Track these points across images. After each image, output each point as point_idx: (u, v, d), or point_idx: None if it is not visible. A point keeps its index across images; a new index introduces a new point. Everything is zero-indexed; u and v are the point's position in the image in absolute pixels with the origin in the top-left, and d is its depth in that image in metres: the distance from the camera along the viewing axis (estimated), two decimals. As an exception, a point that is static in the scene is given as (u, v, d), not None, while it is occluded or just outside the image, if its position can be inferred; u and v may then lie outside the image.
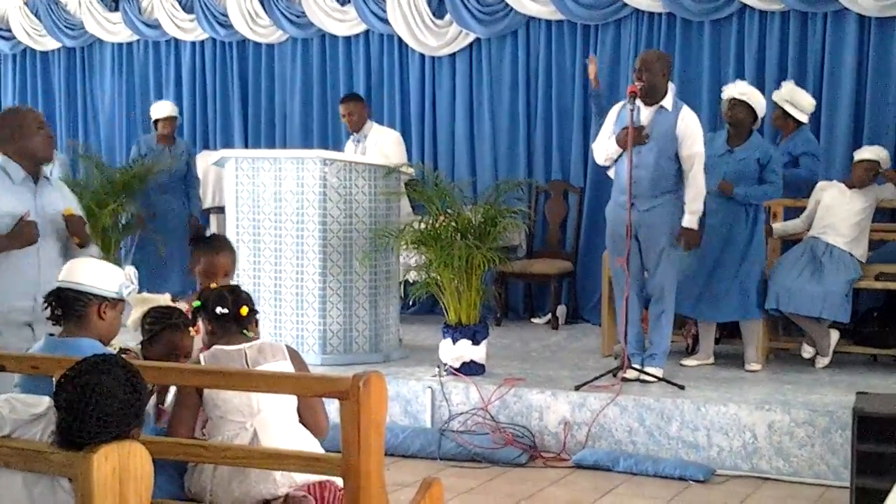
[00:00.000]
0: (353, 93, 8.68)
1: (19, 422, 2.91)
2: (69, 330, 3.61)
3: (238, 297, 3.89)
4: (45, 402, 2.90)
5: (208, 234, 4.75)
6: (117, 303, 3.67)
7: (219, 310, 3.82)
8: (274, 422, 3.66)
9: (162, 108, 9.02)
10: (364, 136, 8.07)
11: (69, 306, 3.61)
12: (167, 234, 8.72)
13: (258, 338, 3.92)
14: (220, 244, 4.81)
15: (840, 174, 7.33)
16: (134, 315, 4.10)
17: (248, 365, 3.73)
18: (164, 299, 4.22)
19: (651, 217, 6.23)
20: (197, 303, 3.93)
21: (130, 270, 3.78)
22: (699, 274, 6.61)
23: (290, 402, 3.76)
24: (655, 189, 6.22)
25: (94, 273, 3.65)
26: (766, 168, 6.59)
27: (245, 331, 3.86)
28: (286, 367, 3.79)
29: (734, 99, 6.63)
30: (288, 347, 3.97)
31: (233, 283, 4.23)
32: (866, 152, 6.94)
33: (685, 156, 6.20)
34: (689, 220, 6.22)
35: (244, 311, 3.85)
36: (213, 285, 4.07)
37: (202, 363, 3.73)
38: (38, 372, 3.39)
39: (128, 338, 4.20)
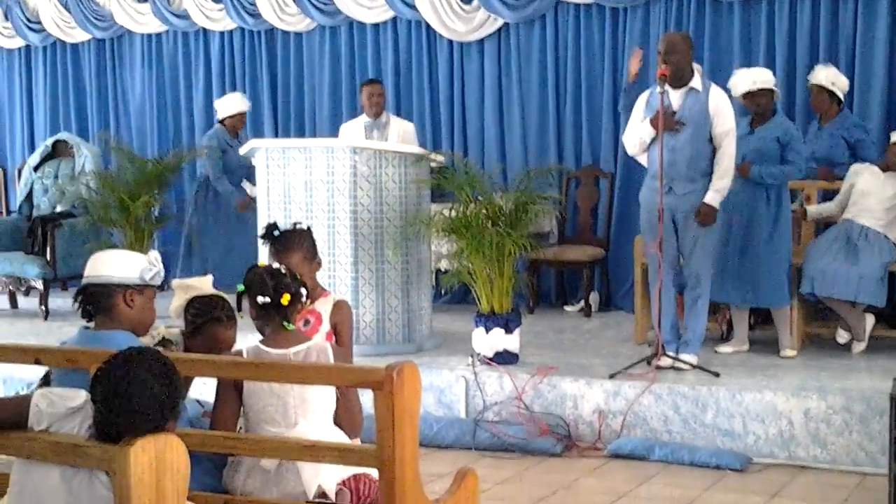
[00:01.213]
0: (375, 77, 8.69)
1: (56, 416, 2.92)
2: (101, 323, 3.60)
3: (279, 282, 3.73)
4: (82, 395, 2.90)
5: (283, 227, 4.41)
6: (144, 289, 3.61)
7: (260, 299, 3.71)
8: (311, 433, 3.58)
9: (239, 103, 8.97)
10: (383, 124, 8.07)
11: (96, 301, 3.59)
12: (230, 223, 8.80)
13: (305, 334, 3.83)
14: (286, 244, 4.31)
15: (874, 156, 7.25)
16: (176, 302, 4.02)
17: None
18: (206, 283, 4.09)
19: (688, 201, 6.18)
20: (241, 287, 3.80)
21: (153, 254, 3.73)
22: (725, 257, 6.54)
23: (329, 408, 3.70)
24: (693, 171, 6.17)
25: (114, 262, 3.61)
26: (787, 147, 6.51)
27: (287, 322, 3.74)
28: None
29: (758, 90, 6.53)
30: (337, 304, 4.07)
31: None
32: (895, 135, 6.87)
33: (717, 133, 6.15)
34: (712, 197, 6.16)
35: (285, 299, 3.71)
36: (262, 263, 3.95)
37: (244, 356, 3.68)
38: (74, 366, 3.39)
39: (176, 323, 4.14)
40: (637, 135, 6.31)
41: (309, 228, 4.41)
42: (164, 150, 9.61)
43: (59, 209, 9.26)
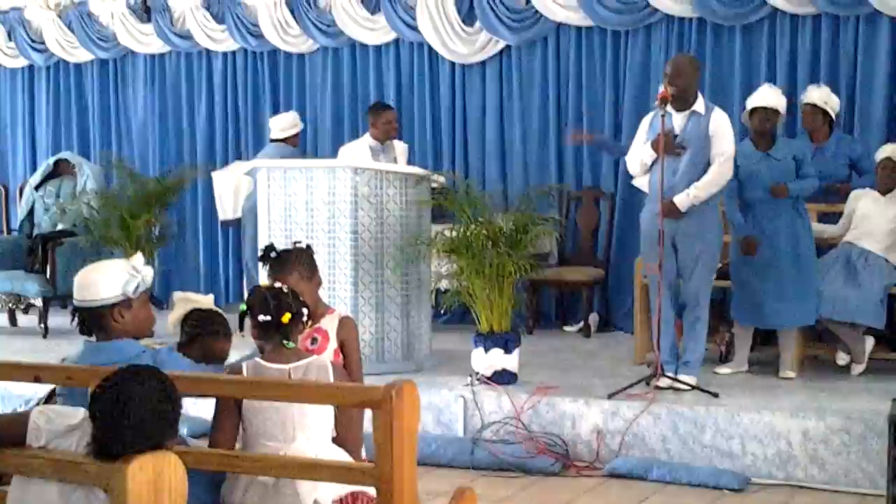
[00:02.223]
0: (387, 103, 8.68)
1: (55, 433, 2.93)
2: (101, 337, 3.65)
3: (280, 301, 3.78)
4: (81, 413, 2.92)
5: (281, 248, 4.40)
6: (131, 301, 3.63)
7: (261, 318, 3.76)
8: (309, 449, 3.60)
9: (295, 122, 8.93)
10: (389, 147, 8.08)
11: (90, 322, 3.64)
12: None
13: (305, 350, 3.85)
14: (282, 265, 4.29)
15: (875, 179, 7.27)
16: (175, 314, 4.05)
17: None
18: (208, 301, 4.14)
19: (688, 224, 6.20)
20: (243, 306, 3.84)
21: (136, 259, 3.72)
22: (782, 281, 6.49)
23: (327, 424, 3.71)
24: (692, 194, 6.19)
25: (96, 284, 3.61)
26: (803, 163, 6.56)
27: (286, 340, 3.77)
28: None
29: (767, 108, 6.55)
30: (342, 321, 4.13)
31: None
32: (881, 152, 6.91)
33: (714, 153, 6.17)
34: (681, 198, 6.15)
35: (286, 318, 3.75)
36: (265, 284, 3.99)
37: (244, 373, 3.71)
38: (72, 383, 3.41)
39: (164, 339, 4.16)
40: (639, 157, 6.33)
41: (308, 247, 4.41)
42: (165, 169, 9.62)
43: (59, 227, 9.29)
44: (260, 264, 4.48)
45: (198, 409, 5.85)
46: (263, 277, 4.42)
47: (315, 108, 9.72)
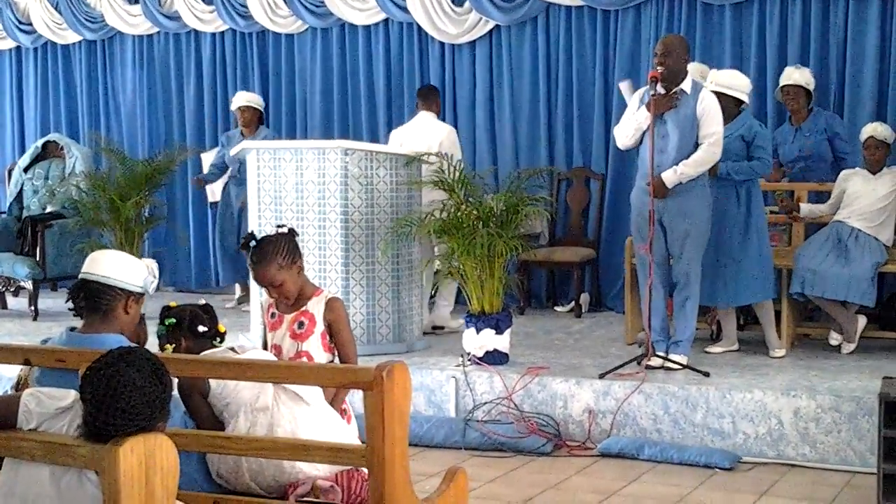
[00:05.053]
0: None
1: (45, 415, 2.92)
2: (93, 325, 3.52)
3: (212, 314, 4.05)
4: (72, 395, 2.90)
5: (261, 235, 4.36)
6: (140, 297, 3.61)
7: (200, 328, 3.95)
8: (287, 414, 3.62)
9: (235, 99, 9.01)
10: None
11: (96, 300, 3.52)
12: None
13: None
14: (261, 255, 4.22)
15: (852, 149, 7.29)
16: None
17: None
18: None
19: (675, 203, 6.20)
20: (171, 320, 3.95)
21: (152, 263, 3.73)
22: (705, 259, 6.53)
23: (307, 393, 3.71)
24: (679, 174, 6.18)
25: (121, 266, 3.56)
26: (752, 145, 6.52)
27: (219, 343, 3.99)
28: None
29: (714, 92, 6.52)
30: (329, 303, 4.19)
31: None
32: (864, 132, 6.91)
33: (703, 134, 6.16)
34: (668, 174, 6.13)
35: (222, 328, 4.02)
36: (173, 304, 4.09)
37: None
38: (64, 366, 3.38)
39: None
40: (633, 122, 6.27)
41: (291, 230, 4.33)
42: (154, 151, 9.58)
43: (49, 210, 9.26)
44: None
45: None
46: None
47: (304, 89, 9.69)
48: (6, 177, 10.17)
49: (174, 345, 3.95)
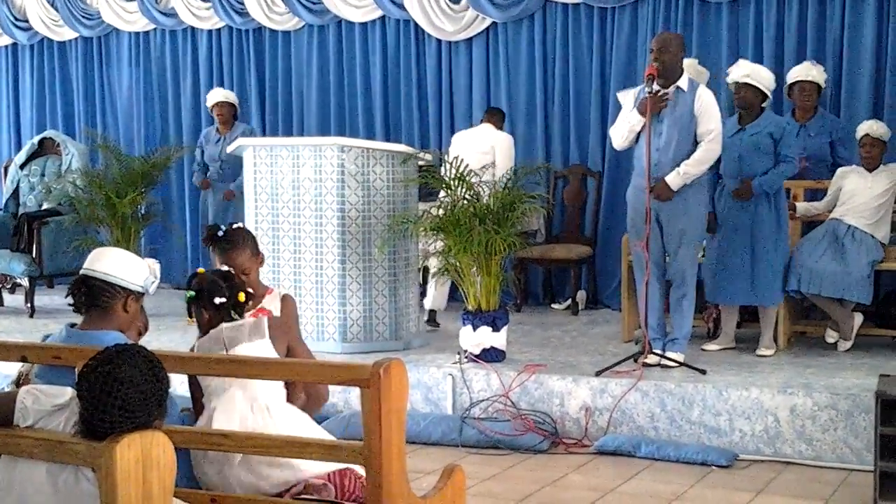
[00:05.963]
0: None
1: (42, 413, 2.91)
2: (92, 321, 3.56)
3: (233, 282, 3.86)
4: (68, 392, 2.90)
5: (225, 227, 4.41)
6: (140, 296, 3.62)
7: (217, 300, 3.80)
8: (242, 402, 3.65)
9: (210, 96, 9.06)
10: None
11: (96, 296, 3.54)
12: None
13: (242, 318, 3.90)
14: (233, 241, 4.30)
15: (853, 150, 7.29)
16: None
17: (225, 347, 3.71)
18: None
19: (671, 201, 6.19)
20: (190, 294, 3.86)
21: (154, 264, 3.73)
22: (732, 260, 6.52)
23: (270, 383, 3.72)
24: (676, 171, 6.18)
25: (123, 264, 3.58)
26: (780, 143, 6.51)
27: (238, 315, 3.84)
28: (264, 346, 3.75)
29: (738, 82, 6.56)
30: (283, 299, 4.13)
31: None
32: (859, 130, 6.92)
33: (700, 132, 6.16)
34: (672, 177, 6.14)
35: (241, 296, 3.83)
36: (201, 271, 3.99)
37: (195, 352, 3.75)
38: (61, 363, 3.38)
39: None
40: (626, 124, 6.29)
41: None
42: (150, 148, 9.59)
43: (45, 207, 9.25)
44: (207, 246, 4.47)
45: (186, 387, 5.82)
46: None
47: (301, 86, 9.68)
48: (2, 174, 10.16)
49: (200, 314, 3.86)
